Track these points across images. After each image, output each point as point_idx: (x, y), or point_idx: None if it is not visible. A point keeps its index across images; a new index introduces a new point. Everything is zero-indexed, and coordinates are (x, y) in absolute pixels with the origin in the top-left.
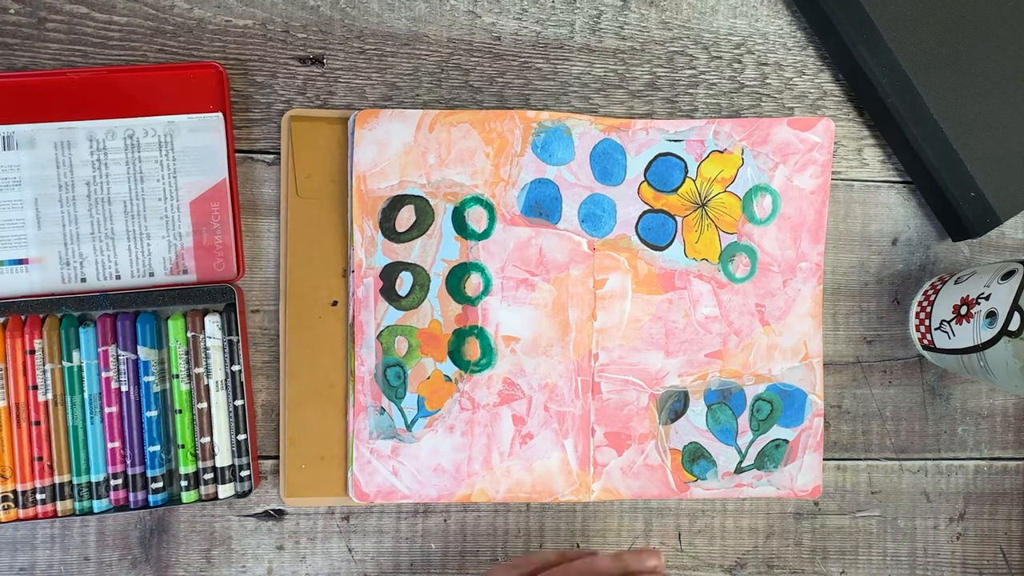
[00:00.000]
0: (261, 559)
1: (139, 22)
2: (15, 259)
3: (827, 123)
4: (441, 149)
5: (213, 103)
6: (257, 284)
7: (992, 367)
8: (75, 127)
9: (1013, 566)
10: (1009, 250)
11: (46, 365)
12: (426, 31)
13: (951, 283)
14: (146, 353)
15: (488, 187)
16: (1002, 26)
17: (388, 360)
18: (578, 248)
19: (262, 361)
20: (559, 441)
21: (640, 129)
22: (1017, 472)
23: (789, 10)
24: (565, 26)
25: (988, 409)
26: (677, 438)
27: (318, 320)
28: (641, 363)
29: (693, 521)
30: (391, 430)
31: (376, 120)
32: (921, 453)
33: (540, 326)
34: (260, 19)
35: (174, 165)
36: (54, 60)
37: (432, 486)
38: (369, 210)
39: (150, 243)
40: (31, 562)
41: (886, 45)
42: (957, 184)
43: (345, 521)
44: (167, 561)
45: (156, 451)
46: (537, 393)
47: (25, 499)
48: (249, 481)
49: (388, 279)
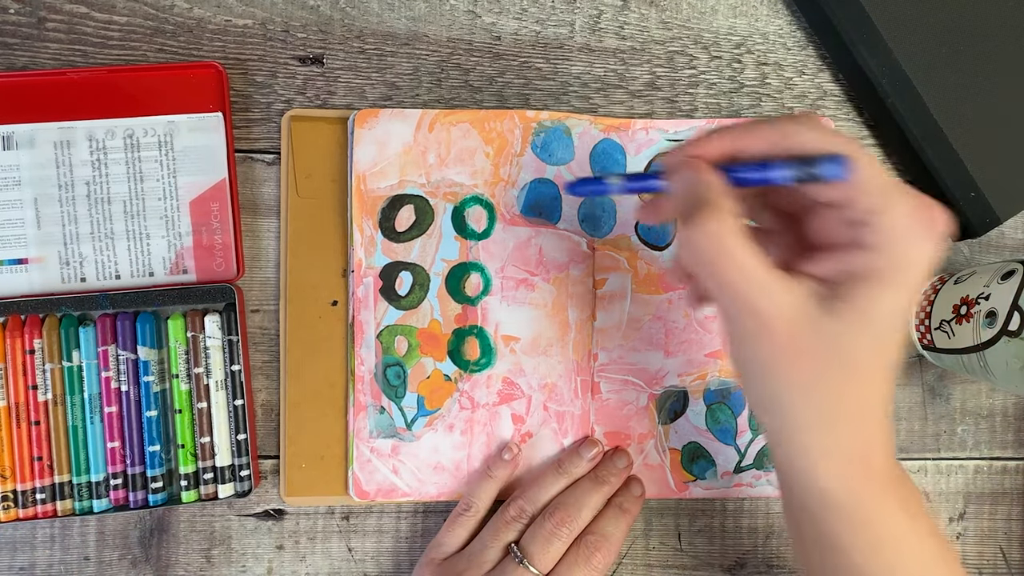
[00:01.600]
0: (261, 559)
1: (139, 22)
2: (15, 259)
3: (827, 123)
4: (441, 149)
5: (213, 103)
6: (257, 284)
7: (992, 367)
8: (75, 127)
9: (1013, 566)
10: (1009, 250)
11: (46, 365)
12: (426, 31)
13: (951, 283)
14: (146, 353)
15: (488, 187)
16: (1002, 26)
17: (388, 360)
18: (578, 248)
19: (262, 361)
20: (558, 440)
21: (640, 129)
22: (1017, 472)
23: (789, 10)
24: (565, 26)
25: (988, 409)
26: (676, 438)
27: (318, 320)
28: (641, 363)
29: (693, 521)
30: (391, 429)
31: (376, 120)
32: (921, 453)
33: (540, 326)
34: (260, 19)
35: (174, 165)
36: (54, 60)
37: (432, 484)
38: (369, 210)
39: (150, 243)
40: (31, 562)
41: (886, 45)
42: (957, 184)
43: (345, 521)
44: (167, 561)
45: (156, 451)
46: (536, 392)
47: (25, 499)
48: (249, 481)
49: (388, 279)
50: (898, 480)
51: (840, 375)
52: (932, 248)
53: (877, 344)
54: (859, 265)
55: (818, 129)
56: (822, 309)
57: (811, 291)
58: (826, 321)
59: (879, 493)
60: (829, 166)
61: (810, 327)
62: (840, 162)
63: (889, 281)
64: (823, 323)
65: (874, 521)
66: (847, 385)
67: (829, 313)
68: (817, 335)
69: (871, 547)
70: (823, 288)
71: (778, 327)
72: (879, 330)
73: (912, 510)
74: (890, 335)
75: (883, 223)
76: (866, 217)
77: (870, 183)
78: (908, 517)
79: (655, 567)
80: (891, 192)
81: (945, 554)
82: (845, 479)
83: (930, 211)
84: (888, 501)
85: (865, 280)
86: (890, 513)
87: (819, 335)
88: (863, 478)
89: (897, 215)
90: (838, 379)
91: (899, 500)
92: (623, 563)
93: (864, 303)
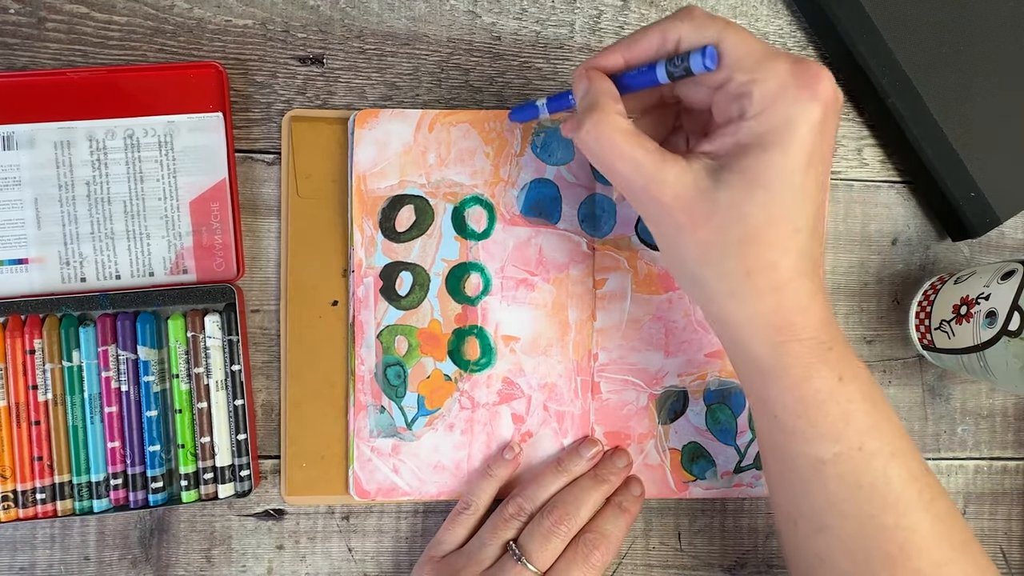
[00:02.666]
0: (261, 559)
1: (139, 22)
2: (15, 259)
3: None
4: (441, 149)
5: (213, 103)
6: (257, 284)
7: (992, 367)
8: (75, 127)
9: (1013, 566)
10: (1009, 250)
11: (46, 365)
12: (426, 31)
13: (951, 283)
14: (146, 353)
15: (488, 187)
16: (1002, 26)
17: (388, 359)
18: (578, 248)
19: (262, 361)
20: (558, 440)
21: None
22: (1017, 472)
23: (789, 10)
24: (565, 26)
25: (988, 409)
26: (676, 438)
27: (318, 320)
28: (641, 363)
29: (693, 521)
30: (391, 429)
31: (376, 120)
32: (921, 453)
33: (540, 326)
34: (260, 19)
35: (174, 165)
36: (54, 60)
37: (432, 483)
38: (369, 210)
39: (150, 243)
40: (31, 562)
41: (886, 45)
42: (957, 184)
43: (345, 521)
44: (167, 561)
45: (156, 451)
46: (536, 392)
47: (25, 499)
48: (249, 481)
49: (388, 279)
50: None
51: (741, 241)
52: (813, 106)
53: (774, 207)
54: (744, 135)
55: (689, 21)
56: (714, 181)
57: (705, 167)
58: (720, 192)
59: (805, 356)
60: (697, 59)
61: (705, 200)
62: (706, 53)
63: (771, 143)
64: (717, 194)
65: (800, 384)
66: (750, 250)
67: (721, 184)
68: (713, 205)
69: (799, 408)
70: (716, 163)
71: (676, 205)
72: (773, 194)
73: (846, 375)
74: (787, 197)
75: (757, 91)
76: (742, 89)
77: (744, 58)
78: (835, 380)
79: (655, 567)
80: (764, 61)
81: (874, 416)
82: (770, 345)
83: (806, 71)
84: (815, 365)
85: (750, 147)
86: (817, 375)
87: (715, 205)
88: (787, 342)
89: (770, 81)
90: (740, 245)
91: (828, 364)
92: (623, 563)
93: (752, 169)
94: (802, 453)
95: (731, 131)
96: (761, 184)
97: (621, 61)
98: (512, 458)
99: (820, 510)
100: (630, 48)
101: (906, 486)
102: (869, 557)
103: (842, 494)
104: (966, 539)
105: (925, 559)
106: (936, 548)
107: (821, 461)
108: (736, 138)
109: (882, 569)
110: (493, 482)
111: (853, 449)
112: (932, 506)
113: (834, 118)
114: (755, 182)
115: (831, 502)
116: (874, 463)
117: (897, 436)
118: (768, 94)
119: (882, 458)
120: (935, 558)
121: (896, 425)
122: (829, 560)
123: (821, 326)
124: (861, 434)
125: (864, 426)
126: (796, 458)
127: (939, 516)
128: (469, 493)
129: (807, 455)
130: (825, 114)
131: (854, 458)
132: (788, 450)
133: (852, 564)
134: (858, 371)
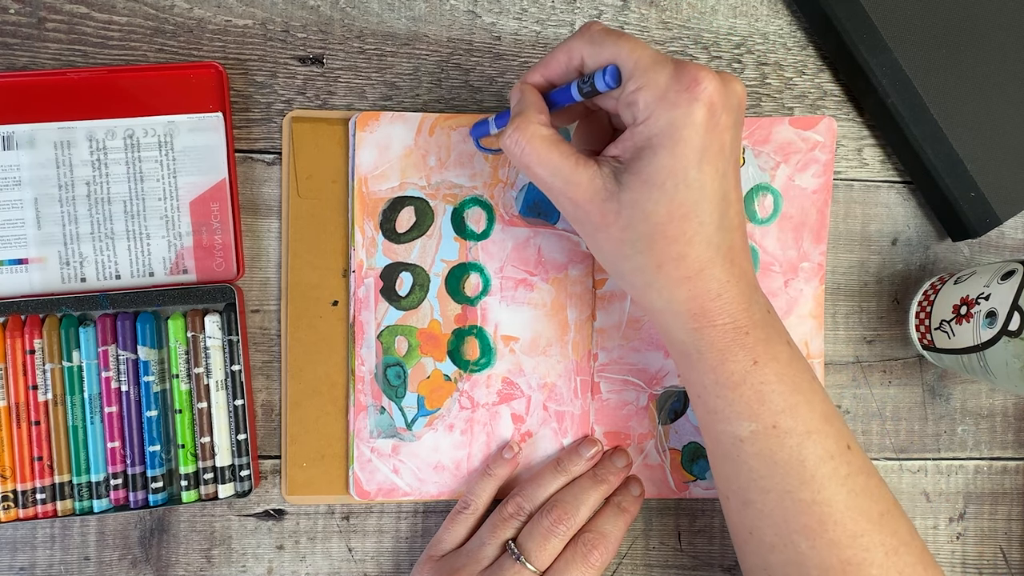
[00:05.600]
0: (261, 559)
1: (139, 22)
2: (15, 259)
3: (829, 122)
4: (441, 152)
5: (213, 103)
6: (257, 284)
7: (992, 367)
8: (75, 127)
9: (1013, 566)
10: (1009, 250)
11: (46, 365)
12: (426, 31)
13: (951, 283)
14: (146, 353)
15: (487, 188)
16: (1002, 26)
17: (388, 360)
18: (577, 248)
19: (262, 361)
20: (558, 440)
21: None
22: (1017, 472)
23: (789, 10)
24: (565, 26)
25: (988, 409)
26: (676, 438)
27: (319, 320)
28: (641, 363)
29: (693, 521)
30: (391, 429)
31: (377, 123)
32: (921, 453)
33: (539, 326)
34: (260, 19)
35: (174, 165)
36: (54, 60)
37: (432, 483)
38: (370, 211)
39: (150, 243)
40: (31, 562)
41: (886, 45)
42: (957, 184)
43: (345, 521)
44: (167, 561)
45: (156, 451)
46: (536, 392)
47: (25, 499)
48: (249, 481)
49: (388, 279)
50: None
51: (648, 237)
52: (695, 106)
53: (673, 204)
54: (637, 139)
55: (588, 38)
56: (618, 183)
57: (612, 170)
58: (623, 193)
59: (720, 341)
60: (600, 79)
61: (613, 200)
62: (607, 72)
63: (659, 146)
64: (622, 195)
65: (716, 367)
66: (657, 244)
67: (623, 185)
68: (619, 205)
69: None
70: (621, 166)
71: (589, 207)
72: (668, 192)
73: (762, 358)
74: (683, 193)
75: (642, 98)
76: (631, 97)
77: (633, 68)
78: (750, 363)
79: (655, 567)
80: (648, 70)
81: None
82: (688, 331)
83: (684, 75)
84: (731, 348)
85: (643, 150)
86: (732, 359)
87: (621, 205)
88: (703, 328)
89: (654, 88)
90: (647, 241)
91: (744, 348)
92: (623, 563)
93: (646, 171)
94: (724, 431)
95: (629, 136)
96: (656, 184)
97: (541, 79)
98: (512, 458)
99: (744, 486)
100: (546, 67)
101: (821, 463)
102: (790, 530)
103: (762, 471)
104: (884, 510)
105: (841, 531)
106: (852, 521)
107: (740, 439)
108: (633, 142)
109: (802, 541)
110: (493, 482)
111: (768, 427)
112: (848, 481)
113: (727, 114)
114: (650, 182)
115: (752, 478)
116: (788, 441)
117: (816, 417)
118: (651, 100)
119: (796, 436)
120: (851, 530)
121: (816, 407)
122: (757, 532)
123: (739, 311)
124: (776, 414)
125: (779, 407)
126: (720, 436)
127: (855, 491)
128: (469, 493)
129: (728, 433)
130: (710, 112)
131: (769, 436)
132: (712, 429)
133: (776, 536)
134: (776, 354)
